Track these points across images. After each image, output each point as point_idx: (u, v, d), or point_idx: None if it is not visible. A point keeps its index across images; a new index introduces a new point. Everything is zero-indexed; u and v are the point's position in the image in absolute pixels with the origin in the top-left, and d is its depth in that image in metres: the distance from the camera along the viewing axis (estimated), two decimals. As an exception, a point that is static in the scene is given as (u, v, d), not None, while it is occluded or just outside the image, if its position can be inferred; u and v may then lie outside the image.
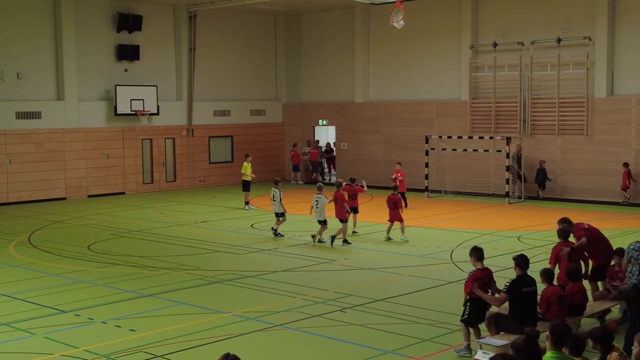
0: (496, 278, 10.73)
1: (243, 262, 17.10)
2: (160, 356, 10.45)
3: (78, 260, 17.30)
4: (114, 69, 29.88)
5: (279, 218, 19.92)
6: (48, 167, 28.05)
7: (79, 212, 25.19)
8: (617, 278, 11.82)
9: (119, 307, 13.13)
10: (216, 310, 12.83)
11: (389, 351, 10.63)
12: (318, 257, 17.33)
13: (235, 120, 33.75)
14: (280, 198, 19.87)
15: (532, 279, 10.35)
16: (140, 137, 30.54)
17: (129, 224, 22.50)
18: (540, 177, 26.87)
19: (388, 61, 31.99)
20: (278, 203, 19.84)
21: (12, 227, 22.08)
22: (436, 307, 12.90)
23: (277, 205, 19.83)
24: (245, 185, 25.71)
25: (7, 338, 11.43)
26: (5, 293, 14.18)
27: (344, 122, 33.34)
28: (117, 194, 29.77)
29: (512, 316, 10.20)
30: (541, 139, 27.53)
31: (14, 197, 27.23)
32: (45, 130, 27.94)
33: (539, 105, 27.64)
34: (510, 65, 28.13)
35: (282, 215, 19.90)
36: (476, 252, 10.42)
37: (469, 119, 29.13)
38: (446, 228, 21.30)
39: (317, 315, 12.47)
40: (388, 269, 16.22)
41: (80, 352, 10.65)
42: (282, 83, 35.62)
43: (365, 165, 32.06)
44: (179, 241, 19.58)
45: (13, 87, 27.38)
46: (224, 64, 33.46)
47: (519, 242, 18.92)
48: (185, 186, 31.89)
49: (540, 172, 26.85)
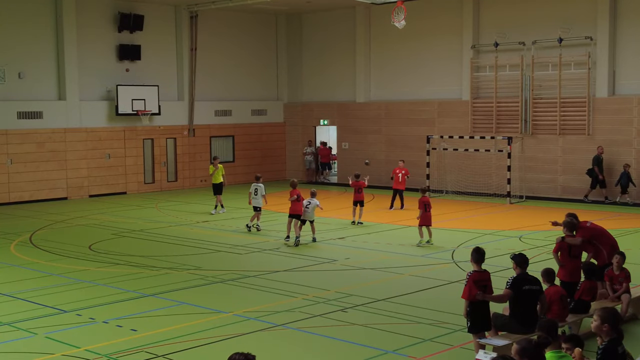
0: (497, 278, 10.71)
1: (244, 262, 17.11)
2: (162, 356, 10.45)
3: (79, 260, 17.30)
4: (116, 69, 29.90)
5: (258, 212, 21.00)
6: (49, 167, 28.07)
7: (81, 211, 25.20)
8: (617, 282, 11.74)
9: (120, 307, 13.13)
10: (217, 310, 12.83)
11: (390, 351, 10.62)
12: (319, 257, 17.33)
13: (236, 120, 33.76)
14: (264, 194, 21.00)
15: (534, 278, 10.25)
16: (141, 137, 30.56)
17: (131, 224, 22.51)
18: (624, 181, 25.05)
19: (389, 61, 32.00)
20: (260, 197, 20.87)
21: (14, 227, 22.09)
22: (438, 307, 12.89)
23: (259, 199, 20.85)
24: (216, 188, 24.56)
25: (8, 338, 11.44)
26: (6, 293, 14.19)
27: (345, 122, 33.35)
28: (118, 193, 29.78)
29: (512, 316, 10.12)
30: (542, 138, 27.52)
31: (16, 197, 27.25)
32: (46, 130, 27.96)
33: (541, 105, 27.63)
34: (511, 65, 28.13)
35: (259, 209, 21.01)
36: (474, 254, 10.15)
37: (470, 118, 29.13)
38: (447, 228, 21.29)
39: (319, 315, 12.47)
40: (389, 268, 16.22)
41: (81, 352, 10.65)
42: (284, 83, 35.63)
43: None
44: (180, 241, 19.59)
45: (14, 87, 27.40)
46: (225, 64, 33.47)
47: (520, 242, 18.91)
48: (187, 186, 31.90)
49: (623, 175, 25.06)
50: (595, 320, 7.39)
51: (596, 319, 7.38)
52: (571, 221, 12.22)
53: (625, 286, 11.68)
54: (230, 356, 6.28)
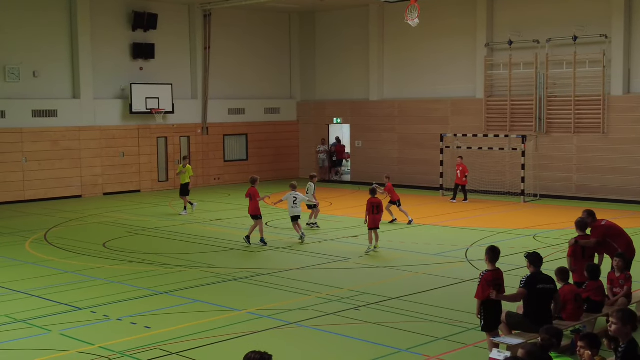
0: (511, 277, 10.66)
1: (257, 260, 17.13)
2: (176, 353, 10.48)
3: (94, 257, 17.38)
4: (130, 68, 30.01)
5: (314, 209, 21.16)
6: (64, 165, 28.22)
7: (95, 209, 25.32)
8: (618, 285, 11.45)
9: (134, 305, 13.19)
10: (231, 308, 12.85)
11: (403, 349, 10.61)
12: (332, 255, 17.33)
13: (249, 119, 33.80)
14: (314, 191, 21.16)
15: (549, 277, 10.19)
16: (155, 135, 30.66)
17: (144, 222, 22.59)
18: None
19: (403, 59, 31.93)
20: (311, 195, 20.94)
21: (29, 225, 22.22)
22: (451, 305, 12.86)
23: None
24: (183, 189, 24.11)
25: (23, 335, 11.51)
26: (21, 290, 14.28)
27: (358, 120, 33.31)
28: (132, 191, 29.90)
29: (526, 315, 10.08)
30: (557, 137, 27.39)
31: (30, 195, 27.42)
32: (61, 128, 28.11)
33: (555, 103, 27.49)
34: (525, 63, 28.00)
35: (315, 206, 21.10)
36: (489, 253, 10.07)
37: (484, 117, 29.02)
38: (461, 226, 21.24)
39: (332, 313, 12.47)
40: (403, 267, 16.20)
41: (95, 349, 10.71)
42: (297, 81, 35.64)
43: (379, 163, 32.02)
44: (194, 239, 19.64)
45: (29, 86, 27.56)
46: (238, 63, 33.52)
47: (535, 241, 18.83)
48: (200, 184, 31.98)
49: None
50: (614, 322, 7.22)
51: (615, 321, 7.21)
52: (582, 220, 12.06)
53: (626, 289, 11.33)
54: (246, 355, 6.26)
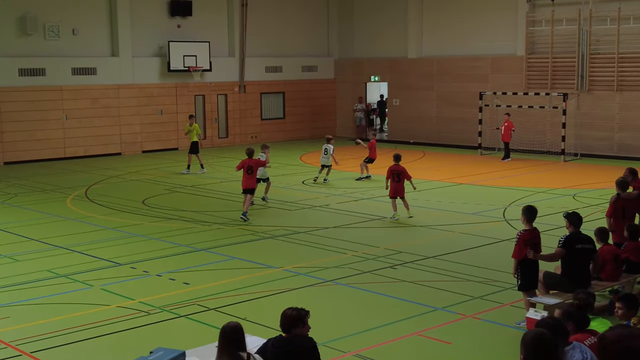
0: (550, 237, 10.57)
1: (294, 218, 17.21)
2: (213, 309, 10.63)
3: (133, 214, 17.61)
4: (167, 25, 30.00)
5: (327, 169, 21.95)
6: (103, 122, 28.49)
7: (134, 167, 25.59)
8: None
9: (173, 261, 13.37)
10: (268, 265, 12.97)
11: (439, 308, 10.62)
12: (369, 214, 17.32)
13: (286, 77, 33.67)
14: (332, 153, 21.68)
15: (588, 237, 10.09)
16: (193, 94, 30.75)
17: (183, 180, 22.78)
18: None
19: (442, 16, 31.41)
20: (329, 156, 21.60)
21: (69, 182, 22.56)
22: (488, 264, 12.81)
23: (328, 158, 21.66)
24: (193, 147, 24.21)
25: (65, 289, 11.76)
26: (63, 245, 14.55)
27: (396, 78, 32.98)
28: (170, 149, 30.13)
29: (565, 275, 10.00)
30: (599, 95, 26.85)
31: (71, 152, 27.79)
32: (100, 86, 28.32)
33: (598, 61, 26.89)
34: (568, 20, 27.36)
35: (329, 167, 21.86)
36: (526, 213, 9.95)
37: (524, 74, 28.52)
38: (499, 186, 21.05)
39: (368, 272, 12.51)
40: (439, 226, 16.15)
41: (135, 304, 10.90)
42: (334, 39, 35.32)
43: (417, 122, 31.78)
44: (232, 197, 19.76)
45: (69, 43, 27.73)
46: (276, 20, 33.30)
47: (574, 200, 18.61)
48: (237, 142, 32.06)
49: None
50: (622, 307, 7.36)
51: (622, 306, 7.34)
52: (623, 180, 11.92)
53: None
54: (284, 311, 6.37)
